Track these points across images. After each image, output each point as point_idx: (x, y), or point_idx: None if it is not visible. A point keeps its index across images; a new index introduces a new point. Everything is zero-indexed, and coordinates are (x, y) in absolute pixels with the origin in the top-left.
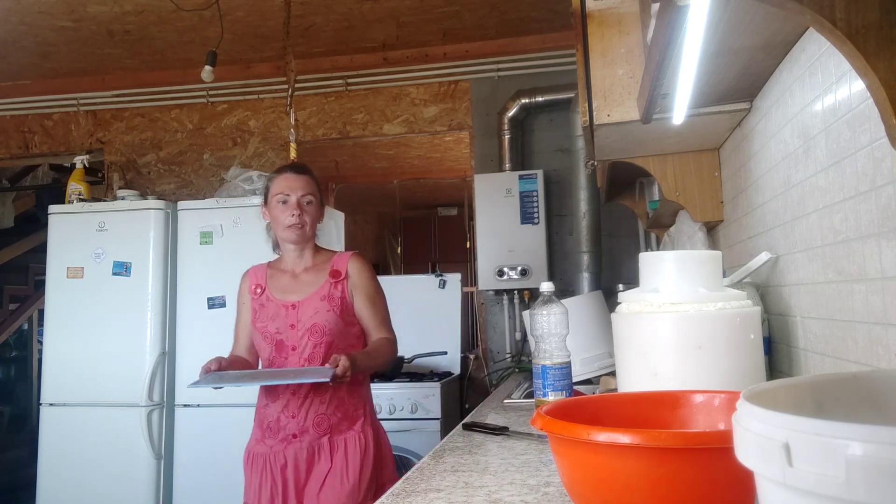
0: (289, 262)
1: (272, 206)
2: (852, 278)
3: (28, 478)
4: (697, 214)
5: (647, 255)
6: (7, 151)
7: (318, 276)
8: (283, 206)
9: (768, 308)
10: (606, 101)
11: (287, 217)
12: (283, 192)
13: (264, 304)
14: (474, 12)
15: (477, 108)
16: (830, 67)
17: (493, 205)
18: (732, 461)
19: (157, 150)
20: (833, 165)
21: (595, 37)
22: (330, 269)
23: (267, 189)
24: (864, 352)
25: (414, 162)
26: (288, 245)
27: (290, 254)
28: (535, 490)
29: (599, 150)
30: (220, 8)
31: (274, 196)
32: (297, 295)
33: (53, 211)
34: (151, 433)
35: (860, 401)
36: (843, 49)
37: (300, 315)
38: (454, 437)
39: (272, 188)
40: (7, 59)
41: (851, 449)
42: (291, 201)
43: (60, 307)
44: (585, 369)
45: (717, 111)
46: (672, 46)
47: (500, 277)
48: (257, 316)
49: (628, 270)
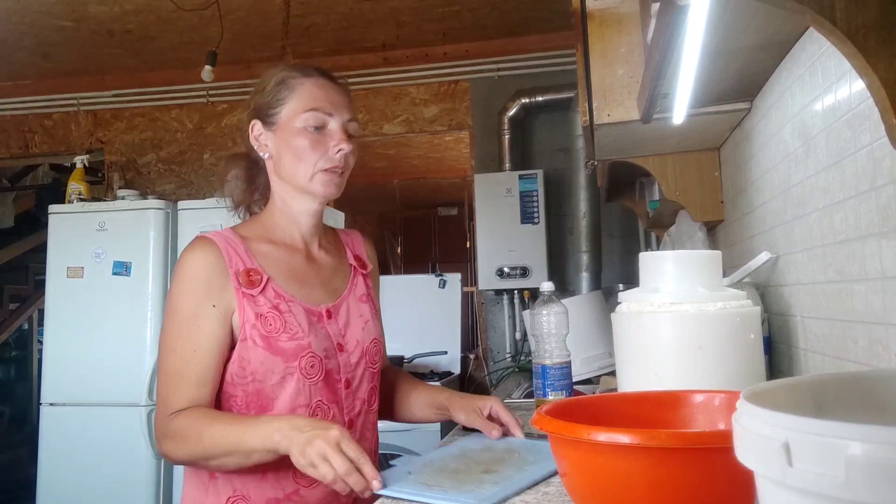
0: (292, 233)
1: (289, 128)
2: (852, 278)
3: (28, 478)
4: (697, 214)
5: (647, 255)
6: (7, 151)
7: (341, 262)
8: (318, 133)
9: (768, 308)
10: (606, 100)
11: (327, 153)
12: (320, 109)
13: (279, 308)
14: (474, 12)
15: (477, 107)
16: (830, 67)
17: (493, 205)
18: (732, 461)
19: (157, 149)
20: (833, 165)
21: (595, 37)
22: (350, 253)
23: (276, 99)
24: (864, 352)
25: (414, 162)
26: (306, 203)
27: (303, 218)
28: (534, 490)
29: (599, 150)
30: (220, 8)
31: (299, 114)
32: (326, 293)
33: (53, 211)
34: (151, 433)
35: (860, 401)
36: (843, 49)
37: (344, 329)
38: (454, 437)
39: (292, 99)
40: (7, 59)
41: (851, 449)
42: (334, 128)
43: (60, 307)
44: (585, 369)
45: (717, 111)
46: (672, 46)
47: (500, 277)
48: (269, 328)
49: (628, 270)
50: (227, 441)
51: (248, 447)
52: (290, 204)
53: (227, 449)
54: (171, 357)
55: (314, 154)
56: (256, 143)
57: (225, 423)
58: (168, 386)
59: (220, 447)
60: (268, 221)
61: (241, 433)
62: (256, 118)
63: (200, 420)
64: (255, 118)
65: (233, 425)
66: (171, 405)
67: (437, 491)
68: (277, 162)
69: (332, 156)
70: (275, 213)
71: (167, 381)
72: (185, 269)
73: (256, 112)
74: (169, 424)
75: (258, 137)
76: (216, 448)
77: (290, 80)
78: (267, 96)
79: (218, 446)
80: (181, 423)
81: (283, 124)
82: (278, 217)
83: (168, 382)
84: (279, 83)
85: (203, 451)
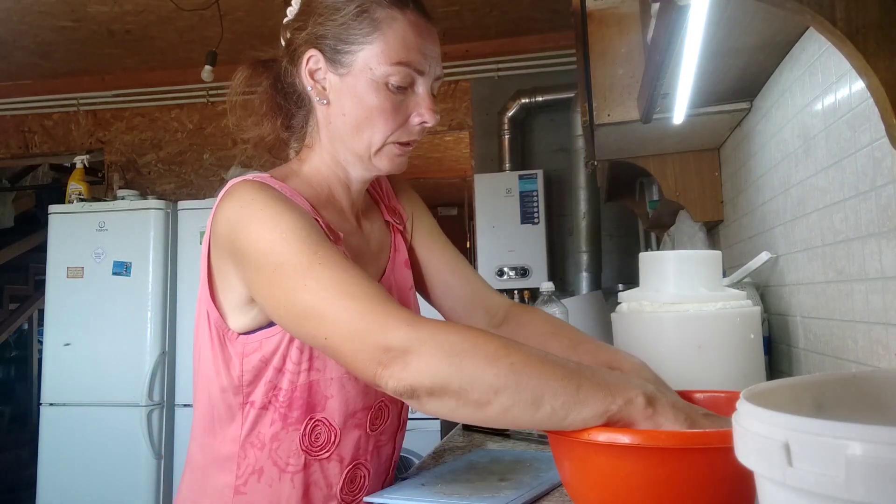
0: (343, 198)
1: (364, 78)
2: (852, 278)
3: (28, 478)
4: (697, 214)
5: (647, 255)
6: (7, 151)
7: (382, 225)
8: (400, 94)
9: (768, 308)
10: (606, 100)
11: (407, 123)
12: (412, 65)
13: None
14: (474, 12)
15: (477, 107)
16: (830, 67)
17: (493, 205)
18: (732, 461)
19: (157, 149)
20: (833, 165)
21: (595, 37)
22: (384, 208)
23: (355, 34)
24: (864, 352)
25: (414, 162)
26: (360, 171)
27: (355, 186)
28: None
29: (599, 150)
30: (220, 8)
31: (384, 65)
32: (374, 266)
33: (53, 211)
34: (151, 433)
35: (860, 401)
36: (843, 49)
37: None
38: (454, 437)
39: (376, 41)
40: (7, 59)
41: (851, 449)
42: (421, 92)
43: (60, 307)
44: None
45: (717, 111)
46: (672, 46)
47: (500, 277)
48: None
49: (628, 270)
50: (566, 378)
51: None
52: (342, 166)
53: (550, 386)
54: (325, 271)
55: (392, 121)
56: (311, 80)
57: (547, 355)
58: (358, 297)
59: (546, 380)
60: (314, 179)
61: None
62: (317, 49)
63: (497, 336)
64: (314, 48)
65: (564, 363)
66: (395, 307)
67: (457, 498)
68: (336, 114)
69: (412, 127)
70: (322, 169)
71: (353, 291)
72: (262, 202)
73: (319, 40)
74: (427, 325)
75: (315, 74)
76: (531, 375)
77: (378, 10)
78: (340, 25)
79: (540, 377)
80: (458, 330)
81: (357, 71)
82: (327, 175)
83: (353, 292)
84: (361, 12)
85: (507, 371)
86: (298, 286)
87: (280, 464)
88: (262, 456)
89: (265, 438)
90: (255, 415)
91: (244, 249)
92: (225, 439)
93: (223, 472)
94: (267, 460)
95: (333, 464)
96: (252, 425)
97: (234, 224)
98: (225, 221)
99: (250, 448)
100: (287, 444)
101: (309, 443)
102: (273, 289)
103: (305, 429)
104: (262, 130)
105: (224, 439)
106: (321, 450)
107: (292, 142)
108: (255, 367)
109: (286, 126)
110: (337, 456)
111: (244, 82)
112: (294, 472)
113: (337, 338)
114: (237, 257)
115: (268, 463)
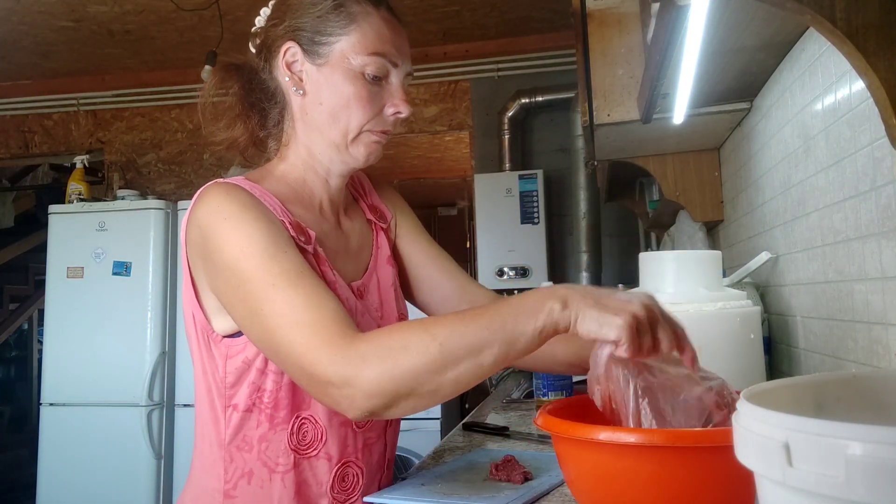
0: (321, 194)
1: (341, 68)
2: (852, 278)
3: (28, 478)
4: (697, 214)
5: (647, 255)
6: (7, 151)
7: (363, 223)
8: (375, 85)
9: (768, 308)
10: (606, 101)
11: (381, 112)
12: (387, 56)
13: (326, 278)
14: (474, 12)
15: (477, 107)
16: (830, 67)
17: (493, 205)
18: (732, 461)
19: (157, 149)
20: (833, 165)
21: (595, 37)
22: (365, 206)
23: (332, 26)
24: (864, 352)
25: (414, 162)
26: (338, 164)
27: (333, 180)
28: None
29: (599, 150)
30: (220, 8)
31: (360, 55)
32: (356, 267)
33: (53, 211)
34: (151, 433)
35: (860, 401)
36: (843, 49)
37: (380, 307)
38: (454, 437)
39: (353, 33)
40: (7, 59)
41: (851, 449)
42: (395, 83)
43: (60, 307)
44: None
45: (717, 111)
46: (672, 46)
47: (500, 277)
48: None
49: (628, 270)
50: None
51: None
52: (319, 159)
53: (482, 339)
54: (277, 294)
55: (368, 109)
56: (288, 71)
57: (466, 314)
58: (303, 325)
59: (477, 338)
60: (290, 176)
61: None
62: (294, 41)
63: (418, 323)
64: (291, 40)
65: (482, 312)
66: (331, 334)
67: (457, 498)
68: (312, 104)
69: (387, 118)
70: (298, 165)
71: (300, 319)
72: (227, 209)
73: (296, 33)
74: (357, 347)
75: (292, 66)
76: (462, 343)
77: (354, 5)
78: (317, 17)
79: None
80: (387, 336)
81: (334, 61)
82: (303, 170)
83: (300, 320)
84: (338, 6)
85: (439, 353)
86: (255, 310)
87: (270, 464)
88: (250, 458)
89: (253, 440)
90: (239, 418)
91: (213, 260)
92: (212, 444)
93: (211, 478)
94: (256, 462)
95: (322, 462)
96: (236, 429)
97: (204, 231)
98: (196, 228)
99: (237, 452)
100: (276, 445)
101: (297, 441)
102: (238, 307)
103: (293, 427)
104: (235, 133)
105: (211, 443)
106: (309, 447)
107: (270, 141)
108: (237, 369)
109: (262, 125)
110: (325, 454)
111: (215, 86)
112: (284, 471)
113: (290, 368)
114: (207, 266)
115: (257, 465)
